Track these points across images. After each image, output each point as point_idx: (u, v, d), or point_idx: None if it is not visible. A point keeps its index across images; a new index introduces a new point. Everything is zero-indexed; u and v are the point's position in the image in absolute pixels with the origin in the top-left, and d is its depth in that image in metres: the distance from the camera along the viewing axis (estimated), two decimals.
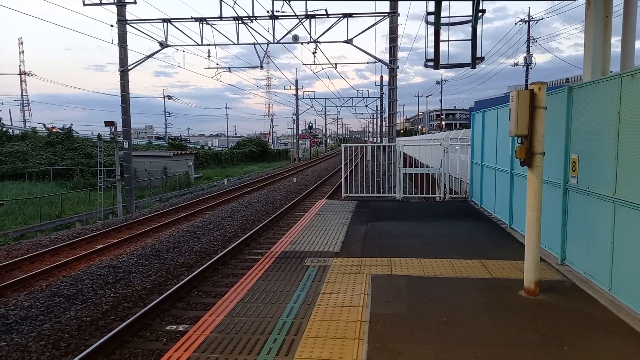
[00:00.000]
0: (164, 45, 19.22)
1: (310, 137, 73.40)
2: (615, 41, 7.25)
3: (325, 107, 72.50)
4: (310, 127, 74.03)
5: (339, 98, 58.07)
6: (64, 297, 8.00)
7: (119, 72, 19.71)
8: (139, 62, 20.32)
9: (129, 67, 19.87)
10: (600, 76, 6.83)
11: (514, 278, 5.83)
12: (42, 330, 6.75)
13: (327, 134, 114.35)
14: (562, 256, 6.31)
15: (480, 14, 8.51)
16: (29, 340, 6.45)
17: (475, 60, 8.92)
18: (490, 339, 4.16)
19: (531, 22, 35.62)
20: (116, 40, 19.25)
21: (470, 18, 8.80)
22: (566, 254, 6.26)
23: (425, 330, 4.35)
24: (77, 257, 10.31)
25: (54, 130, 41.08)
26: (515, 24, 35.72)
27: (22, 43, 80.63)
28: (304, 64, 24.90)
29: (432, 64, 8.74)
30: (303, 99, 56.09)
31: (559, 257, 6.37)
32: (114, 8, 18.90)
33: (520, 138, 5.19)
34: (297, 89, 52.57)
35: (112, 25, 18.91)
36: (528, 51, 35.53)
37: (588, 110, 5.55)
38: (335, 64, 24.09)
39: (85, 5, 17.92)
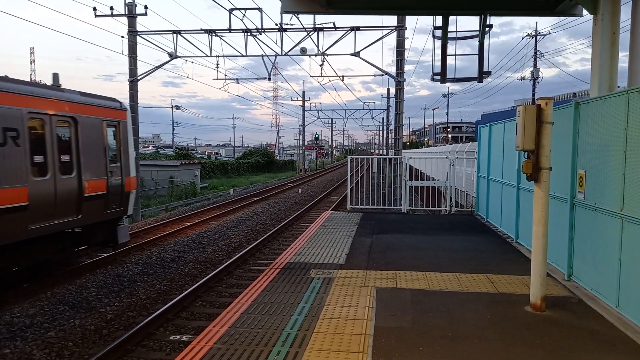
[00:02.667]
0: (173, 56, 19.44)
1: (316, 148, 73.56)
2: (623, 57, 7.26)
3: (332, 119, 72.81)
4: (317, 138, 74.21)
5: (345, 110, 58.37)
6: (68, 305, 8.01)
7: (128, 82, 19.91)
8: (148, 73, 20.54)
9: (139, 78, 20.08)
10: (608, 92, 6.84)
11: (519, 293, 5.78)
12: (48, 338, 6.77)
13: (333, 145, 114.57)
14: (569, 272, 6.26)
15: (487, 29, 8.57)
16: None
17: (482, 74, 8.96)
18: (496, 355, 4.12)
19: (538, 37, 35.73)
20: (126, 51, 19.48)
21: (477, 32, 8.85)
22: (573, 270, 6.21)
23: (430, 344, 4.33)
24: (82, 265, 10.34)
25: None
26: (522, 38, 35.85)
27: (33, 52, 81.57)
28: (311, 76, 25.13)
29: (439, 77, 8.79)
30: (310, 110, 56.41)
31: (566, 273, 6.32)
32: (124, 19, 19.17)
33: (526, 153, 5.20)
34: (304, 101, 52.85)
35: (122, 37, 19.16)
36: (535, 65, 35.58)
37: (595, 126, 5.55)
38: (342, 76, 24.23)
39: (96, 16, 18.19)
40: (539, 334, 4.56)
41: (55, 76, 10.02)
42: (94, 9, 17.94)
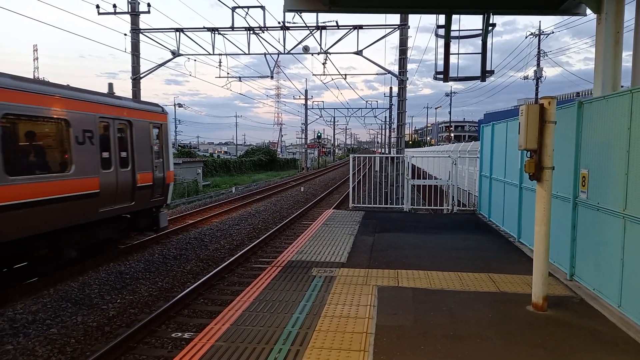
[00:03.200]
0: (176, 54, 19.46)
1: (318, 147, 73.58)
2: (626, 56, 7.25)
3: (334, 117, 72.81)
4: (319, 137, 74.24)
5: (347, 108, 58.32)
6: (71, 302, 8.04)
7: (131, 80, 19.94)
8: (151, 71, 20.56)
9: (141, 75, 20.11)
10: (611, 91, 6.81)
11: (521, 293, 5.78)
12: (50, 335, 6.79)
13: (336, 144, 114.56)
14: (571, 271, 6.26)
15: (490, 28, 8.55)
16: None
17: (485, 74, 8.94)
18: (498, 354, 4.12)
19: (541, 36, 35.63)
20: (129, 49, 19.50)
21: (480, 31, 8.84)
22: (575, 270, 6.21)
23: (432, 343, 4.33)
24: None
25: None
26: (526, 37, 35.68)
27: (36, 50, 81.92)
28: (313, 75, 25.08)
29: (441, 76, 8.77)
30: (312, 108, 56.40)
31: (568, 273, 6.32)
32: (127, 17, 19.19)
33: (529, 152, 5.19)
34: (306, 99, 52.84)
35: (125, 34, 19.18)
36: (538, 65, 35.48)
37: (598, 125, 5.53)
38: (345, 74, 24.22)
39: (99, 14, 18.20)
40: (540, 334, 4.56)
41: (110, 86, 11.85)
42: (97, 6, 17.95)
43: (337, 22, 18.15)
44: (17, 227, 7.85)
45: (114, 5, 18.26)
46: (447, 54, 8.64)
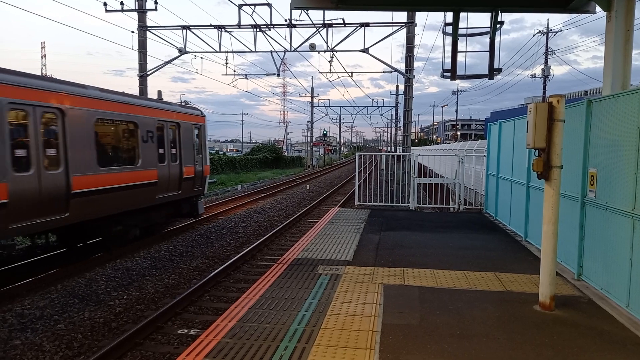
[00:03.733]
0: (182, 51, 19.49)
1: (324, 145, 73.53)
2: (636, 54, 7.18)
3: (340, 115, 72.66)
4: (325, 135, 74.18)
5: (354, 106, 58.23)
6: (78, 298, 8.09)
7: (138, 78, 20.01)
8: (158, 68, 20.62)
9: (148, 73, 20.17)
10: (621, 90, 6.75)
11: (528, 292, 5.75)
12: (58, 330, 6.84)
13: (341, 142, 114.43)
14: (579, 271, 6.22)
15: (498, 26, 8.49)
16: None
17: (493, 72, 8.88)
18: (505, 354, 4.10)
19: (549, 34, 35.37)
20: (136, 46, 19.56)
21: (488, 29, 8.78)
22: (583, 269, 6.17)
23: (438, 342, 4.32)
24: (93, 258, 10.43)
25: None
26: (534, 35, 35.42)
27: (44, 47, 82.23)
28: (320, 72, 25.02)
29: (449, 74, 8.73)
30: (318, 106, 56.33)
31: (575, 272, 6.28)
32: (135, 15, 19.25)
33: (537, 151, 5.15)
34: (312, 97, 52.79)
35: (133, 32, 19.24)
36: (546, 63, 35.24)
37: (607, 124, 5.49)
38: (352, 72, 24.17)
39: (107, 11, 18.26)
40: (548, 334, 4.53)
41: (159, 93, 14.24)
42: (105, 4, 18.00)
43: (343, 19, 18.11)
44: (103, 207, 10.02)
45: (122, 3, 18.32)
46: (454, 52, 8.59)
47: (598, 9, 7.93)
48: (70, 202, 9.02)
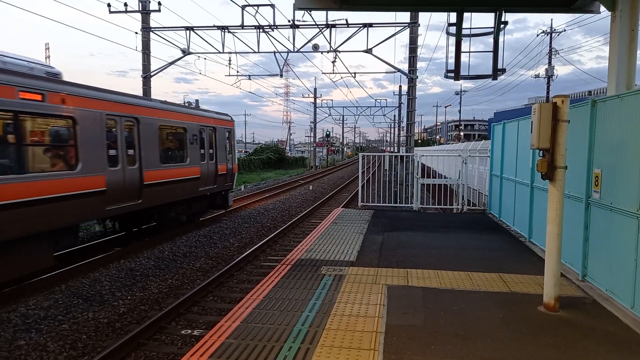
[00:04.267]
0: (186, 52, 19.54)
1: (327, 145, 73.51)
2: None
3: (343, 116, 72.75)
4: (328, 136, 74.15)
5: (357, 107, 58.24)
6: (82, 298, 8.12)
7: (141, 78, 20.07)
8: (162, 69, 20.67)
9: (152, 74, 20.22)
10: (625, 90, 6.73)
11: (533, 293, 5.74)
12: (62, 331, 6.86)
13: (345, 143, 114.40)
14: (583, 272, 6.20)
15: (502, 26, 8.47)
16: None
17: (497, 72, 8.86)
18: (509, 355, 4.09)
19: (553, 34, 35.28)
20: (140, 47, 19.63)
21: (491, 29, 8.77)
22: (587, 270, 6.14)
23: (442, 343, 4.31)
24: (97, 258, 10.46)
25: None
26: (537, 35, 35.33)
27: (48, 48, 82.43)
28: (323, 73, 25.05)
29: (452, 74, 8.72)
30: (321, 107, 56.34)
31: (580, 273, 6.25)
32: (138, 16, 19.31)
33: (541, 151, 5.14)
34: (315, 98, 52.82)
35: (136, 33, 19.30)
36: (550, 63, 35.14)
37: (612, 124, 5.47)
38: (355, 73, 24.18)
39: (111, 12, 18.32)
40: (552, 334, 4.52)
41: (197, 102, 15.93)
42: (109, 5, 18.07)
43: (346, 20, 18.15)
44: (163, 196, 12.40)
45: (125, 4, 18.39)
46: (458, 52, 8.57)
47: (602, 8, 7.90)
48: (143, 191, 11.34)
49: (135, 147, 11.17)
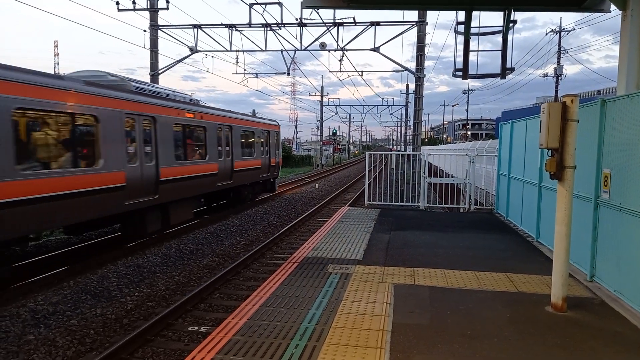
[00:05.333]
0: (194, 50, 19.58)
1: (333, 144, 73.44)
2: None
3: (350, 114, 72.59)
4: (334, 134, 74.11)
5: (363, 105, 58.13)
6: (90, 294, 8.18)
7: (149, 76, 20.14)
8: (169, 67, 20.74)
9: (160, 72, 20.30)
10: (635, 90, 6.67)
11: (540, 293, 5.71)
12: (70, 326, 6.92)
13: (351, 141, 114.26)
14: (591, 272, 6.16)
15: (511, 25, 8.43)
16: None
17: (505, 71, 8.82)
18: (516, 355, 4.08)
19: (562, 33, 35.00)
20: (148, 45, 19.69)
21: (500, 28, 8.72)
22: (595, 271, 6.11)
23: (449, 342, 4.30)
24: (105, 254, 10.53)
25: None
26: (546, 34, 35.04)
27: (57, 46, 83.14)
28: (330, 71, 25.05)
29: (460, 73, 8.68)
30: (328, 105, 56.31)
31: (588, 274, 6.22)
32: (146, 14, 19.37)
33: (550, 151, 5.11)
34: (322, 96, 52.78)
35: (145, 31, 19.36)
36: (559, 62, 34.88)
37: (622, 124, 5.43)
38: (362, 71, 24.15)
39: (119, 10, 18.39)
40: (560, 335, 4.50)
41: (254, 112, 21.45)
42: (117, 3, 18.13)
43: (354, 18, 18.08)
44: (243, 180, 17.66)
45: (134, 2, 18.44)
46: (466, 51, 8.54)
47: (613, 7, 7.84)
48: (233, 175, 16.66)
49: (230, 146, 16.48)
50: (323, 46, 19.29)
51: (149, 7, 19.29)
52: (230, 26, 18.90)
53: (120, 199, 10.27)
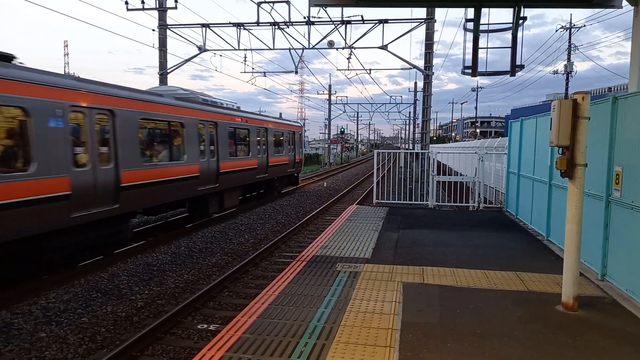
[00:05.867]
0: (202, 49, 19.65)
1: (341, 142, 73.31)
2: None
3: (358, 113, 72.48)
4: (342, 132, 73.90)
5: (371, 104, 57.99)
6: (100, 292, 8.25)
7: (158, 75, 20.25)
8: (178, 66, 20.83)
9: (168, 71, 20.39)
10: None
11: (550, 292, 5.67)
12: (81, 324, 6.98)
13: (359, 140, 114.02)
14: (603, 271, 6.10)
15: (521, 21, 8.35)
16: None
17: (515, 68, 8.74)
18: (526, 354, 4.06)
19: (572, 30, 34.66)
20: (157, 44, 19.79)
21: (509, 25, 8.64)
22: (607, 269, 6.05)
23: (458, 341, 4.29)
24: (116, 253, 10.62)
25: None
26: (556, 30, 34.72)
27: (67, 45, 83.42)
28: (338, 69, 25.01)
29: (469, 71, 8.62)
30: (336, 104, 56.25)
31: (599, 272, 6.16)
32: (155, 13, 19.47)
33: (561, 148, 5.07)
34: (330, 94, 52.73)
35: (153, 30, 19.46)
36: (569, 59, 34.55)
37: (634, 121, 5.36)
38: (370, 69, 24.07)
39: (128, 10, 18.49)
40: (571, 334, 4.47)
41: (280, 115, 29.35)
42: (126, 2, 18.22)
43: (362, 16, 18.06)
44: (275, 173, 20.47)
45: (142, 1, 18.53)
46: (475, 48, 8.47)
47: (624, 3, 7.74)
48: (268, 169, 19.61)
49: (266, 144, 19.61)
50: (331, 44, 19.27)
51: (157, 6, 19.38)
52: (239, 25, 18.94)
53: (195, 185, 13.38)
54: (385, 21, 18.24)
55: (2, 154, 7.57)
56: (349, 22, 18.14)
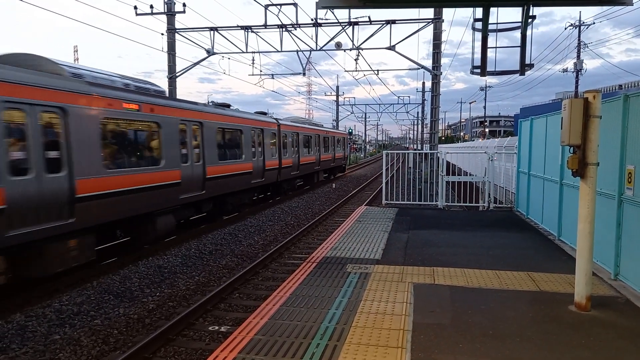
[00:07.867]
0: (210, 52, 19.76)
1: (349, 143, 73.25)
2: None
3: (366, 113, 72.37)
4: (350, 133, 73.91)
5: (379, 104, 57.90)
6: (113, 295, 8.33)
7: (167, 79, 20.39)
8: (187, 69, 20.96)
9: (177, 74, 20.53)
10: None
11: (563, 292, 5.63)
12: (94, 326, 7.05)
13: (367, 140, 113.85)
14: (616, 271, 6.05)
15: (530, 20, 8.29)
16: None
17: (524, 67, 8.68)
18: (539, 354, 4.03)
19: (581, 27, 34.35)
20: (166, 48, 19.94)
21: (518, 24, 8.58)
22: (620, 269, 6.00)
23: (470, 342, 4.27)
24: (126, 255, 10.70)
25: None
26: (565, 28, 34.42)
27: (77, 50, 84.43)
28: (345, 70, 25.05)
29: (478, 70, 8.56)
30: (343, 105, 56.23)
31: (612, 272, 6.11)
32: (164, 17, 19.61)
33: (572, 147, 5.04)
34: (337, 96, 52.72)
35: (162, 34, 19.61)
36: (579, 57, 34.24)
37: None
38: (377, 70, 24.07)
39: (137, 14, 18.66)
40: (584, 334, 4.43)
41: (337, 124, 43.61)
42: (135, 7, 18.41)
43: (369, 17, 18.03)
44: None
45: (151, 6, 18.70)
46: (484, 47, 8.41)
47: None
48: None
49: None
50: (338, 46, 19.30)
51: (166, 10, 19.53)
52: (246, 28, 19.02)
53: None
54: (393, 22, 18.22)
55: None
56: (356, 23, 18.15)
